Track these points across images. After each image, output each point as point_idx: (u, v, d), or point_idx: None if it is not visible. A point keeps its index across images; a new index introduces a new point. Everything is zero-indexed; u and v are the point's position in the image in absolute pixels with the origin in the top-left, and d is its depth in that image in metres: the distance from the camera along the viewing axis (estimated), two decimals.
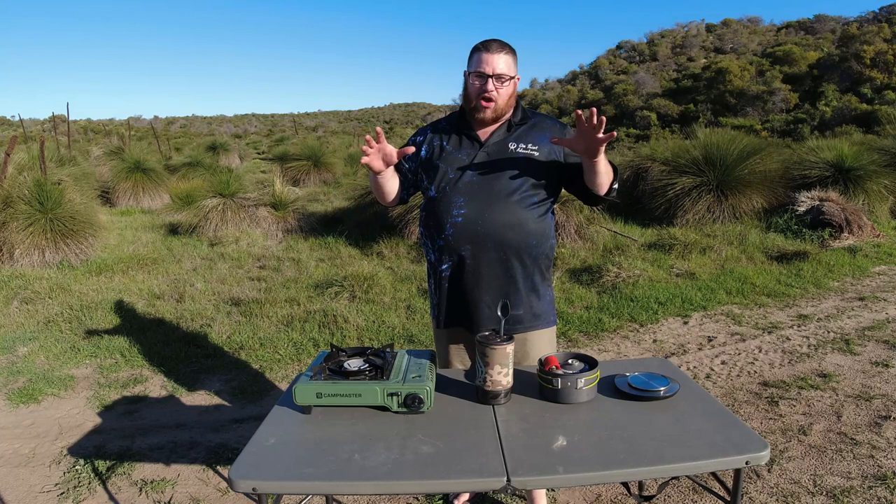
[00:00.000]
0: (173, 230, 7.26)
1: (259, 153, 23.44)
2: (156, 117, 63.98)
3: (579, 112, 1.54)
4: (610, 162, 1.72)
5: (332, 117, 69.55)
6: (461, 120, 1.77)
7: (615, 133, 1.56)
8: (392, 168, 1.75)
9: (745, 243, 5.85)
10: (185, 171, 11.66)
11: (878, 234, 6.19)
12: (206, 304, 4.47)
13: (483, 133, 1.75)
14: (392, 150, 1.65)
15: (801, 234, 6.12)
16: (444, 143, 1.77)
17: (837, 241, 5.91)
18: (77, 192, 6.44)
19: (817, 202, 6.38)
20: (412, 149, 1.69)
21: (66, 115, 14.51)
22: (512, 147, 1.72)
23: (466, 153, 1.73)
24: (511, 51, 1.70)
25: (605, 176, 1.67)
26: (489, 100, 1.67)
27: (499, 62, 1.65)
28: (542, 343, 1.82)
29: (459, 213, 1.69)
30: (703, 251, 5.58)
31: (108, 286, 4.94)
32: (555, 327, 1.88)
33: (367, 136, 1.63)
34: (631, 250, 5.68)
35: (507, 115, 1.76)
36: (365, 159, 1.63)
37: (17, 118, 34.94)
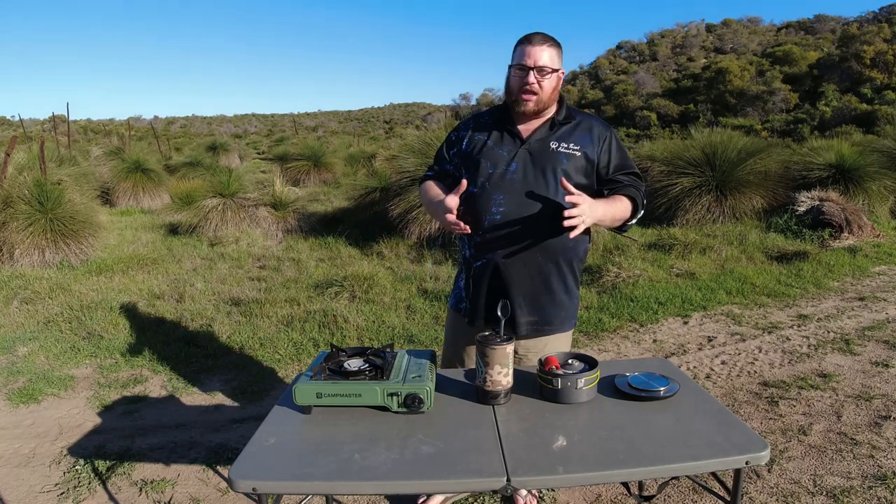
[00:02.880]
0: (173, 230, 7.26)
1: (259, 153, 23.46)
2: (156, 117, 64.10)
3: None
4: (632, 198, 1.71)
5: (332, 117, 69.56)
6: (504, 115, 1.74)
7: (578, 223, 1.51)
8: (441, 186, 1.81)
9: (745, 243, 5.85)
10: (185, 171, 11.68)
11: (878, 234, 6.19)
12: (206, 304, 4.47)
13: (525, 130, 1.71)
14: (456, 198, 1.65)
15: (801, 234, 6.12)
16: (486, 139, 1.74)
17: (837, 241, 5.91)
18: (77, 192, 6.43)
19: (817, 202, 6.38)
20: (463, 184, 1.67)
21: (66, 115, 14.50)
22: (554, 146, 1.68)
23: (508, 150, 1.70)
24: (555, 44, 1.66)
25: (612, 223, 1.70)
26: (531, 92, 1.64)
27: (541, 54, 1.62)
28: (562, 344, 1.82)
29: (498, 211, 1.67)
30: (703, 251, 5.58)
31: (108, 286, 4.94)
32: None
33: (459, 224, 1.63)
34: (631, 250, 5.68)
35: (551, 113, 1.72)
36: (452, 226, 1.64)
37: (17, 118, 34.95)
